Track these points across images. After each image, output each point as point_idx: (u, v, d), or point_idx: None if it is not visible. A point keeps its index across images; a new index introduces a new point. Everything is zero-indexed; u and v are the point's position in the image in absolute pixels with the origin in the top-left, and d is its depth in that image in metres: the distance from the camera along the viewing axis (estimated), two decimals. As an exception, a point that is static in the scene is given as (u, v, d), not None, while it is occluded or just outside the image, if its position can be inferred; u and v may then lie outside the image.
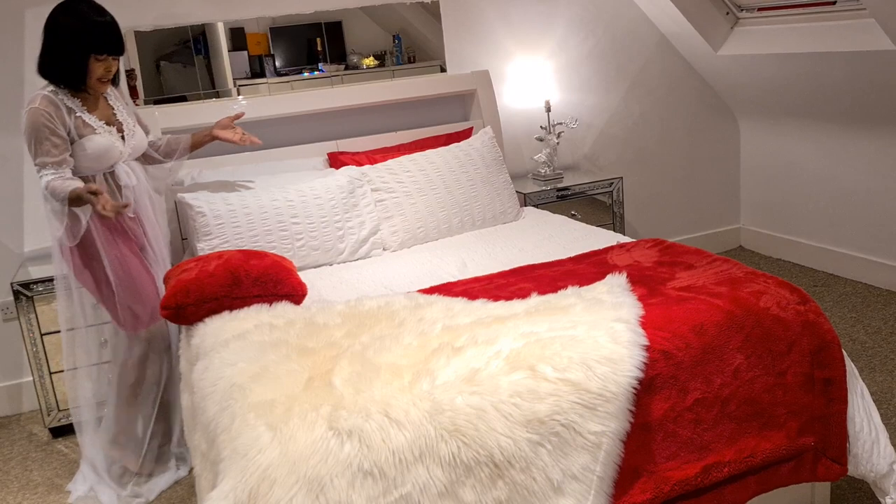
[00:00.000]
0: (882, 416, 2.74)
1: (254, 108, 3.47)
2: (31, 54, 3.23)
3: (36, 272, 3.17)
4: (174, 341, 2.82)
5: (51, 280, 3.06)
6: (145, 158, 2.94)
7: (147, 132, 2.93)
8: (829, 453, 2.13)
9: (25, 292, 3.08)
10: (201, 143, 3.06)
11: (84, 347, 2.79)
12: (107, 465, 2.77)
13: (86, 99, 2.66)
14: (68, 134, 2.59)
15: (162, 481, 2.80)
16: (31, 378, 3.35)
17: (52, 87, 2.60)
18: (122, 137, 2.74)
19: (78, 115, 2.61)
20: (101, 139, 2.65)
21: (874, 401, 2.44)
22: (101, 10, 2.60)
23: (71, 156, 2.59)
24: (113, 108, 2.76)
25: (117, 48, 2.63)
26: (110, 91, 2.78)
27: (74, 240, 2.63)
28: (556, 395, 1.79)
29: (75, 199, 2.51)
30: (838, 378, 2.12)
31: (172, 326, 2.82)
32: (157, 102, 3.53)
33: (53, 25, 2.57)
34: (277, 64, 3.75)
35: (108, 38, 2.59)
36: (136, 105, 3.37)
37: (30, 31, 3.24)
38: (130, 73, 3.44)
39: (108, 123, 2.71)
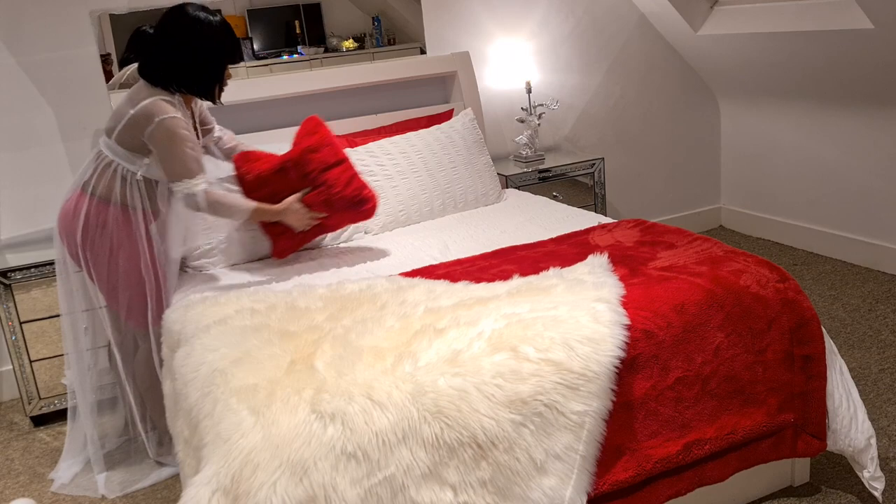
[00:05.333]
0: (860, 391, 2.78)
1: (232, 92, 3.42)
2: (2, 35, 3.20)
3: (14, 260, 3.13)
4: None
5: (29, 268, 3.03)
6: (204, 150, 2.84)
7: (210, 127, 2.87)
8: (808, 429, 2.16)
9: (3, 280, 3.04)
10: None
11: (80, 332, 2.74)
12: (95, 451, 2.75)
13: (186, 109, 2.57)
14: None
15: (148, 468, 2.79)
16: (10, 367, 3.31)
17: (167, 96, 2.47)
18: None
19: None
20: None
21: (852, 377, 2.47)
22: (216, 13, 2.55)
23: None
24: (194, 117, 2.69)
25: (241, 54, 2.66)
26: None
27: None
28: (539, 376, 1.80)
29: (270, 213, 2.60)
30: (817, 355, 2.15)
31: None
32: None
33: (188, 36, 2.47)
34: (255, 47, 3.70)
35: (238, 44, 2.59)
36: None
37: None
38: (106, 58, 3.39)
39: None
